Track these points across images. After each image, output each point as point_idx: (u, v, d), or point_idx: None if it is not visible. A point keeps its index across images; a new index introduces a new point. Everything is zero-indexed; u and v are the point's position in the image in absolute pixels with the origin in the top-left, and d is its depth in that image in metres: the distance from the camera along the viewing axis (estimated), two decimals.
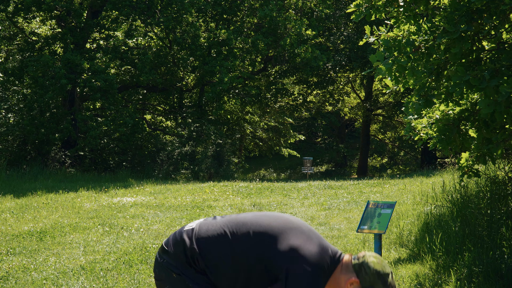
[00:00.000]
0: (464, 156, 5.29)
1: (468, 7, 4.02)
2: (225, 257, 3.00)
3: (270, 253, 2.96)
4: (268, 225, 3.05)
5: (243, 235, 3.03)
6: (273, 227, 3.03)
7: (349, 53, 25.97)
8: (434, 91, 4.47)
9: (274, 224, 3.05)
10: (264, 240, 3.00)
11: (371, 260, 2.99)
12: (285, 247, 2.95)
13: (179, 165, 21.86)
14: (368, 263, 2.98)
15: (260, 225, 3.05)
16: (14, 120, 20.13)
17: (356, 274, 2.98)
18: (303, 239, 2.99)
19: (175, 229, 8.92)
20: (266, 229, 3.03)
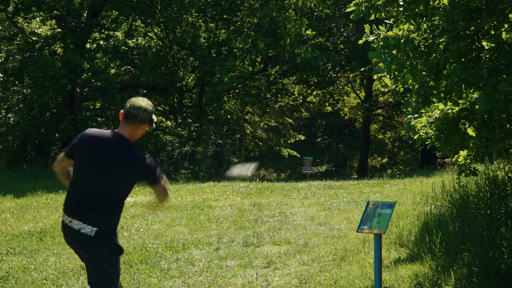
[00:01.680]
0: (462, 154, 5.29)
1: (467, 6, 4.02)
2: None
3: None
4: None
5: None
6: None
7: (349, 53, 25.97)
8: (433, 90, 4.48)
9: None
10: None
11: (139, 104, 3.82)
12: None
13: (179, 165, 21.86)
14: (133, 105, 3.82)
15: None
16: (14, 120, 20.12)
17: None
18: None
19: (175, 229, 8.92)
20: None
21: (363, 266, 6.30)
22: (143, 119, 3.80)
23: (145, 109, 3.80)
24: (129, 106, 3.79)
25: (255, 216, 9.95)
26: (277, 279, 6.03)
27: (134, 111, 3.77)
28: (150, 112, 3.84)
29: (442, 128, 4.88)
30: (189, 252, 7.25)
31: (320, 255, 6.97)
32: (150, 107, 3.84)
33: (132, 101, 3.81)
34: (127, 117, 3.79)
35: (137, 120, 3.78)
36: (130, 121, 3.78)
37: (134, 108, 3.78)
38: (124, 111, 3.81)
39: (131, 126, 3.80)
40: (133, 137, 3.86)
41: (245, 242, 7.73)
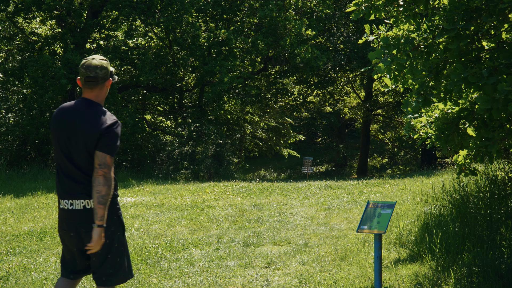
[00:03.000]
0: (461, 154, 5.30)
1: (467, 6, 4.02)
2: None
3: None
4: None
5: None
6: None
7: (349, 53, 25.97)
8: (433, 90, 4.48)
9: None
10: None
11: (94, 64, 3.71)
12: None
13: (179, 165, 21.86)
14: (87, 67, 3.70)
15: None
16: (14, 120, 20.12)
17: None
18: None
19: (175, 229, 8.92)
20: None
21: (363, 266, 6.30)
22: (104, 77, 3.71)
23: (101, 66, 3.69)
24: (84, 70, 3.66)
25: (255, 216, 9.95)
26: (277, 279, 6.03)
27: (93, 73, 3.66)
28: (107, 67, 3.73)
29: (442, 128, 4.88)
30: (189, 252, 7.25)
31: (320, 255, 6.97)
32: (105, 61, 3.74)
33: (85, 64, 3.68)
34: (88, 83, 3.68)
35: (99, 81, 3.69)
36: (92, 84, 3.68)
37: (91, 70, 3.66)
38: (81, 77, 3.69)
39: (95, 89, 3.70)
40: (100, 98, 3.75)
41: (245, 242, 7.73)
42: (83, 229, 3.68)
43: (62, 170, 3.71)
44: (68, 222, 3.72)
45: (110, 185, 3.60)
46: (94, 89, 3.70)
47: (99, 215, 3.58)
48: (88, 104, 3.69)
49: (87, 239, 3.67)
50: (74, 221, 3.68)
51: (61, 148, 3.68)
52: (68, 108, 3.71)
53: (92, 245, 3.66)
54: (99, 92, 3.72)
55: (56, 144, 3.72)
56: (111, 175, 3.62)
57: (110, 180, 3.60)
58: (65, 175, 3.69)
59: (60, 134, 3.68)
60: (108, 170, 3.60)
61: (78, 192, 3.65)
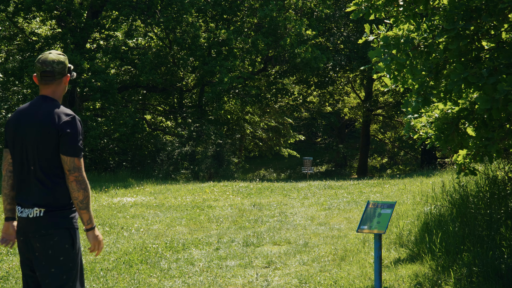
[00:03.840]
0: (461, 153, 5.30)
1: (467, 6, 4.03)
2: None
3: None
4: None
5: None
6: None
7: (349, 53, 25.97)
8: (433, 90, 4.48)
9: None
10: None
11: (50, 59, 3.49)
12: None
13: (179, 165, 21.86)
14: (43, 62, 3.48)
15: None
16: None
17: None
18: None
19: (175, 229, 8.92)
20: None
21: (363, 266, 6.30)
22: (61, 72, 3.50)
23: (58, 61, 3.48)
24: (40, 65, 3.45)
25: (255, 216, 9.95)
26: (277, 279, 6.03)
27: (49, 68, 3.45)
28: (64, 61, 3.52)
29: (442, 128, 4.88)
30: (189, 252, 7.25)
31: (320, 255, 6.97)
32: (62, 56, 3.53)
33: (41, 59, 3.47)
34: (44, 78, 3.47)
35: (56, 76, 3.48)
36: (49, 79, 3.47)
37: (47, 64, 3.45)
38: (37, 72, 3.48)
39: (52, 85, 3.49)
40: (58, 95, 3.53)
41: (245, 242, 7.73)
42: (35, 236, 3.41)
43: (19, 173, 3.47)
44: (19, 234, 3.49)
45: (86, 187, 3.39)
46: (50, 85, 3.49)
47: (85, 220, 3.43)
48: (43, 100, 3.47)
49: (37, 248, 3.40)
50: (25, 230, 3.43)
51: (20, 150, 3.45)
52: (24, 109, 3.50)
53: (92, 248, 3.56)
54: (56, 88, 3.51)
55: (14, 147, 3.48)
56: (83, 176, 3.39)
57: (84, 182, 3.37)
58: (21, 179, 3.46)
59: (19, 135, 3.44)
60: (79, 173, 3.38)
61: (32, 200, 3.40)
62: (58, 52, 3.55)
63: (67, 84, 3.59)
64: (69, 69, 3.58)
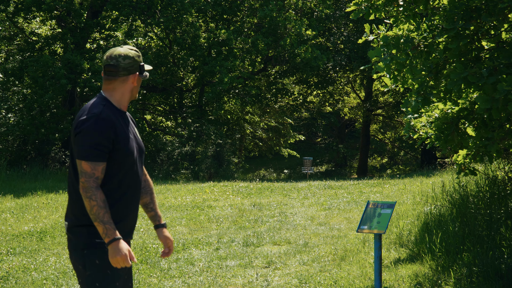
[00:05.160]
0: (461, 153, 5.30)
1: (467, 6, 4.03)
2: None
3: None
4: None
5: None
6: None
7: (349, 53, 25.97)
8: (433, 89, 4.48)
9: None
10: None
11: (117, 52, 3.00)
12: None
13: (179, 165, 21.86)
14: (110, 54, 3.01)
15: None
16: (14, 120, 20.12)
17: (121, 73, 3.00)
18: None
19: (175, 229, 8.92)
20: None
21: (363, 266, 6.30)
22: (127, 68, 2.98)
23: (125, 55, 2.98)
24: (105, 59, 2.98)
25: (255, 216, 9.95)
26: (277, 279, 6.03)
27: (113, 61, 2.96)
28: (133, 57, 3.00)
29: (442, 128, 4.88)
30: (189, 252, 7.25)
31: (320, 255, 6.97)
32: (133, 51, 3.02)
33: (109, 51, 3.01)
34: (107, 72, 2.98)
35: (119, 71, 2.96)
36: (112, 75, 2.97)
37: (112, 58, 2.97)
38: (103, 66, 3.00)
39: (114, 82, 2.98)
40: (120, 96, 3.01)
41: (245, 242, 7.73)
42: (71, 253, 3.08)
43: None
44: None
45: (91, 196, 2.88)
46: (112, 82, 2.98)
47: (100, 233, 2.94)
48: (95, 98, 3.00)
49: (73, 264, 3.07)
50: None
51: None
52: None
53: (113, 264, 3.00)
54: (118, 86, 2.98)
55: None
56: (90, 183, 2.88)
57: (90, 189, 2.88)
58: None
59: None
60: (85, 178, 2.88)
61: (66, 213, 3.11)
62: (131, 47, 3.05)
63: (135, 85, 3.04)
64: (141, 68, 3.03)
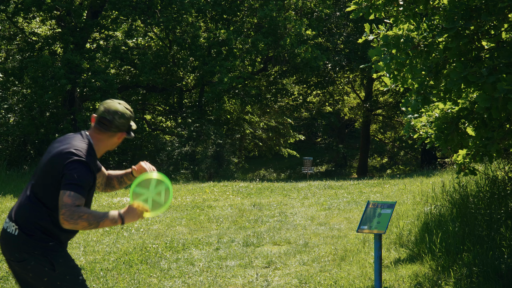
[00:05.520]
0: (461, 153, 5.30)
1: (467, 5, 4.03)
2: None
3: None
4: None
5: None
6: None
7: (349, 53, 25.97)
8: (433, 89, 4.48)
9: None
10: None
11: (115, 109, 3.24)
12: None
13: (179, 165, 21.85)
14: (107, 108, 3.24)
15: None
16: (14, 120, 20.12)
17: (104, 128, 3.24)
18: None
19: (175, 229, 8.92)
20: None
21: (363, 266, 6.30)
22: (119, 126, 3.22)
23: (122, 114, 3.22)
24: (103, 110, 3.21)
25: (255, 216, 9.94)
26: (277, 279, 6.03)
27: (109, 116, 3.20)
28: (128, 118, 3.25)
29: (442, 128, 4.88)
30: (189, 252, 7.25)
31: (320, 255, 6.97)
32: (129, 112, 3.26)
33: (107, 104, 3.23)
34: (100, 123, 3.21)
35: (112, 127, 3.21)
36: (103, 127, 3.21)
37: (109, 113, 3.20)
38: (97, 115, 3.23)
39: (104, 134, 3.22)
40: (103, 147, 3.26)
41: (245, 242, 7.73)
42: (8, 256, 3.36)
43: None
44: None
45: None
46: (103, 133, 3.23)
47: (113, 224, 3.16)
48: (80, 133, 3.24)
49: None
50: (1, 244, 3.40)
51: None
52: (59, 141, 3.26)
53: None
54: (107, 140, 3.25)
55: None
56: (68, 219, 3.09)
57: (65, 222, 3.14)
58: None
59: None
60: (65, 216, 3.09)
61: (13, 214, 3.38)
62: (127, 106, 3.29)
63: (119, 141, 3.31)
64: (129, 128, 3.29)
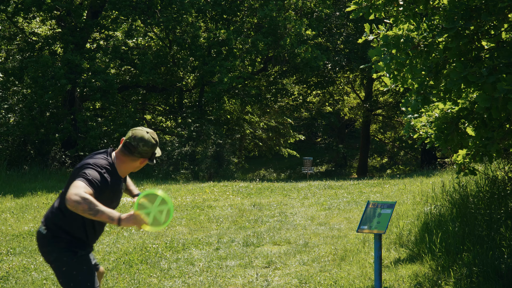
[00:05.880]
0: (461, 153, 5.30)
1: (467, 5, 4.03)
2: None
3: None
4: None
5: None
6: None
7: (348, 53, 25.97)
8: (433, 89, 4.48)
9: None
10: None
11: (141, 136, 3.56)
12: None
13: (179, 165, 21.85)
14: (134, 135, 3.56)
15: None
16: (14, 120, 20.11)
17: (128, 152, 3.56)
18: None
19: (175, 229, 8.92)
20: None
21: (363, 266, 6.30)
22: (142, 153, 3.55)
23: (147, 141, 3.54)
24: (130, 135, 3.54)
25: (255, 216, 9.95)
26: (277, 279, 6.03)
27: (134, 143, 3.53)
28: (152, 146, 3.56)
29: (442, 128, 4.88)
30: (189, 252, 7.25)
31: (320, 255, 6.97)
32: (153, 140, 3.56)
33: (135, 131, 3.56)
34: (125, 147, 3.55)
35: (135, 153, 3.54)
36: (127, 151, 3.54)
37: (135, 139, 3.53)
38: (125, 139, 3.57)
39: (127, 157, 3.56)
40: (124, 168, 3.59)
41: (245, 242, 7.73)
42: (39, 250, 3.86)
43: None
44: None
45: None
46: (127, 157, 3.57)
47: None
48: (106, 152, 3.60)
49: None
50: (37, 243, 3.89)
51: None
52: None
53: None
54: (129, 163, 3.58)
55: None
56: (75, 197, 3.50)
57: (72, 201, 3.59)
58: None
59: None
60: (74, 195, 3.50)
61: (44, 217, 3.94)
62: (154, 135, 3.58)
63: (141, 166, 3.62)
64: (153, 155, 3.58)
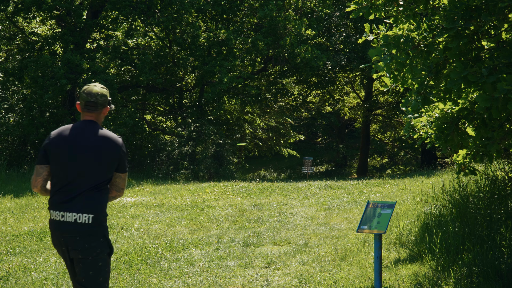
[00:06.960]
0: (461, 153, 5.30)
1: (467, 5, 4.02)
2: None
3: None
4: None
5: None
6: None
7: (348, 53, 25.97)
8: (433, 89, 4.48)
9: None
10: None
11: (95, 91, 4.02)
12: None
13: (179, 165, 21.85)
14: (95, 93, 4.01)
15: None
16: (14, 120, 20.11)
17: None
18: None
19: (175, 229, 8.92)
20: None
21: (363, 266, 6.30)
22: (103, 104, 4.02)
23: (101, 94, 4.01)
24: (85, 95, 3.97)
25: (255, 216, 9.95)
26: (277, 279, 6.03)
27: (93, 99, 3.97)
28: (106, 95, 4.05)
29: (442, 128, 4.88)
30: (189, 252, 7.25)
31: (320, 255, 6.97)
32: (105, 90, 4.07)
33: (87, 90, 4.00)
34: (87, 106, 3.98)
35: (98, 106, 4.00)
36: (92, 108, 3.99)
37: (92, 96, 3.97)
38: (81, 101, 3.99)
39: (94, 113, 4.01)
40: (99, 121, 4.07)
41: (245, 242, 7.73)
42: (73, 243, 3.84)
43: (67, 183, 3.86)
44: (59, 237, 3.87)
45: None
46: (93, 113, 4.01)
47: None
48: (89, 124, 3.99)
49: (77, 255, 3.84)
50: (67, 234, 3.83)
51: (72, 165, 3.87)
52: (72, 130, 3.95)
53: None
54: (97, 116, 4.03)
55: (65, 161, 3.87)
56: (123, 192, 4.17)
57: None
58: (70, 187, 3.88)
59: (70, 152, 3.88)
60: (123, 190, 4.12)
61: (81, 206, 3.83)
62: (101, 86, 4.09)
63: (106, 114, 4.13)
64: (109, 102, 4.10)
